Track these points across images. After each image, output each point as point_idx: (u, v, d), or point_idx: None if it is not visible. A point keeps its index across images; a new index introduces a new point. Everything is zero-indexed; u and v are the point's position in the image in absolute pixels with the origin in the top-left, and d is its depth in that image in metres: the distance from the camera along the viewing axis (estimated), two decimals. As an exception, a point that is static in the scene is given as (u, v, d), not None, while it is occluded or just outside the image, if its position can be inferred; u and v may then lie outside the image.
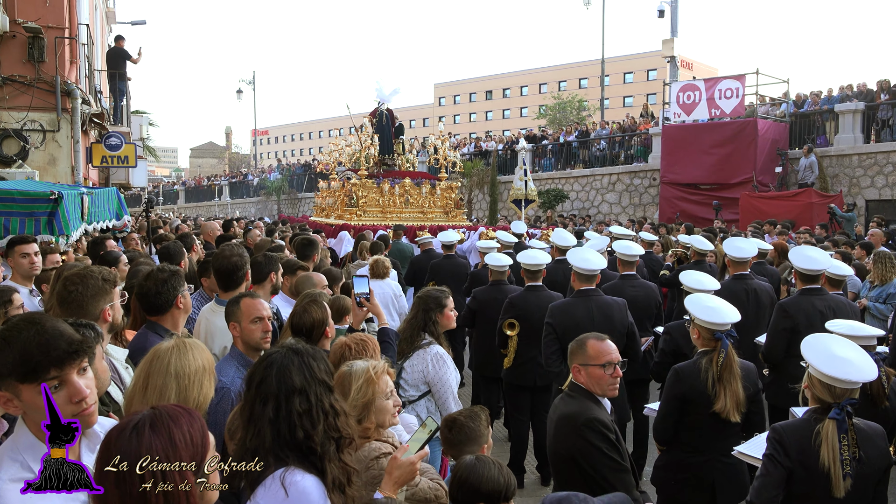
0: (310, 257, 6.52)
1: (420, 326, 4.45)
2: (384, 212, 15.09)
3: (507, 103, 77.36)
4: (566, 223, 19.07)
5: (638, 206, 22.99)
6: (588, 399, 3.46)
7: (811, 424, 3.04)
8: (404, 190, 15.42)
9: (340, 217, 15.63)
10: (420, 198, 15.63)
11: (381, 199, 15.18)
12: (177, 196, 49.19)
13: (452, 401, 4.20)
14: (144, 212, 9.39)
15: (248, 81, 46.54)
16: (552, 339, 5.31)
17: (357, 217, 14.78)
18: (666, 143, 20.92)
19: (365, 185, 15.14)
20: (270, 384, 2.30)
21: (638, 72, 66.01)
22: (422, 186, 15.62)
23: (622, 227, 10.47)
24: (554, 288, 6.69)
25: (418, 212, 15.54)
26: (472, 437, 3.13)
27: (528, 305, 6.12)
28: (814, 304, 5.44)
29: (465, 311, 7.19)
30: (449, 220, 15.62)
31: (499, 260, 6.96)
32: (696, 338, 4.11)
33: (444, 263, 9.45)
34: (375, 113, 16.93)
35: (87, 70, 13.88)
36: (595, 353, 3.50)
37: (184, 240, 7.23)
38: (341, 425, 2.36)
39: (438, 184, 15.91)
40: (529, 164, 21.93)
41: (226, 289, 4.48)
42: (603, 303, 5.41)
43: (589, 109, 49.13)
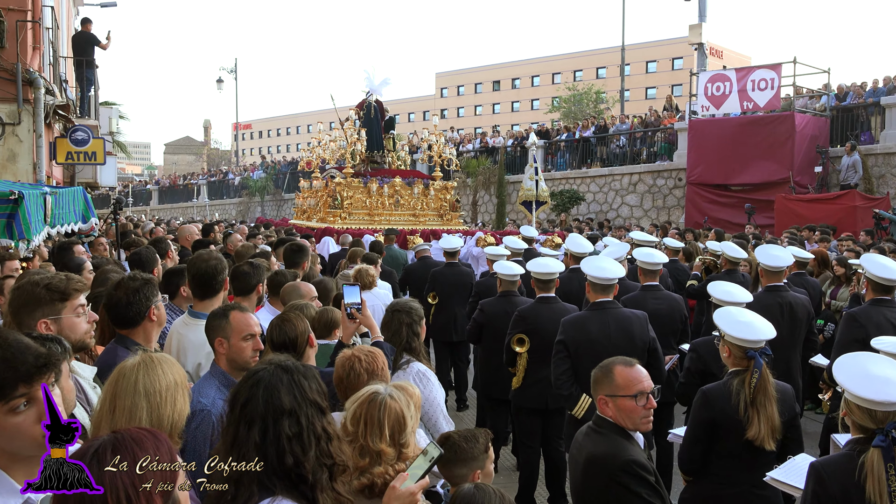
0: (299, 265, 6.52)
1: (404, 345, 4.45)
2: (371, 214, 15.10)
3: (516, 95, 77.48)
4: (581, 228, 19.06)
5: (661, 209, 23.00)
6: (618, 435, 3.39)
7: (853, 458, 2.98)
8: (394, 190, 15.44)
9: (323, 220, 15.62)
10: (412, 199, 15.65)
11: (368, 201, 15.18)
12: (149, 196, 49.27)
13: (443, 420, 4.20)
14: (112, 214, 9.39)
15: (230, 70, 46.66)
16: (563, 358, 5.31)
17: (341, 220, 14.78)
18: (693, 139, 20.93)
19: (350, 184, 15.14)
20: (257, 405, 2.30)
21: (662, 60, 66.12)
22: (414, 187, 15.64)
23: (644, 233, 10.49)
24: (568, 299, 6.68)
25: (409, 214, 15.56)
26: (463, 458, 3.12)
27: (540, 319, 6.11)
28: (885, 316, 5.42)
29: (470, 325, 7.18)
30: (443, 224, 15.63)
31: (509, 268, 6.95)
32: (726, 356, 4.10)
33: (446, 272, 9.46)
34: (363, 105, 16.90)
35: (51, 57, 13.93)
36: (624, 381, 3.43)
37: (157, 245, 7.23)
38: (335, 451, 2.35)
39: (432, 184, 15.93)
40: (541, 163, 21.97)
41: (203, 296, 4.49)
42: (621, 316, 5.41)
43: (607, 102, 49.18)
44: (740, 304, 4.93)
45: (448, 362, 9.53)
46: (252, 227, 15.65)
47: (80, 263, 5.92)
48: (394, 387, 2.93)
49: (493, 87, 79.63)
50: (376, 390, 2.87)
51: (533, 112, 72.38)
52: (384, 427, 2.79)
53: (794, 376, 5.94)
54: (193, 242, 8.73)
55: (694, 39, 24.54)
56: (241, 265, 4.98)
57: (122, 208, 9.83)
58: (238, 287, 4.88)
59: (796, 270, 8.02)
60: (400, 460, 2.81)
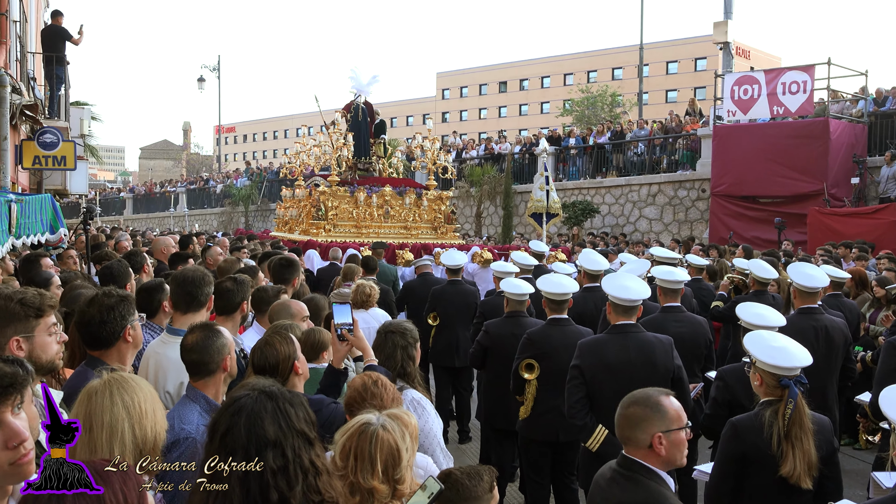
0: (289, 281, 6.51)
1: (398, 369, 4.43)
2: (358, 226, 15.09)
3: (524, 97, 77.76)
4: (596, 243, 19.05)
5: (683, 222, 23.01)
6: (653, 480, 3.34)
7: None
8: (384, 200, 15.43)
9: (305, 232, 15.59)
10: (403, 210, 15.65)
11: (354, 211, 15.16)
12: (123, 205, 49.33)
13: (441, 454, 4.17)
14: (82, 223, 9.37)
15: (213, 68, 46.77)
16: (578, 385, 5.28)
17: (325, 232, 14.75)
18: (718, 146, 20.97)
19: (336, 193, 15.13)
20: (238, 435, 2.28)
21: (684, 60, 66.40)
22: (405, 196, 15.63)
23: (664, 249, 10.45)
24: (582, 321, 6.66)
25: (400, 226, 15.56)
26: (466, 497, 3.07)
27: (551, 342, 6.09)
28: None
29: (473, 349, 7.16)
30: (437, 238, 15.61)
31: (518, 287, 6.93)
32: (757, 385, 4.08)
33: (448, 291, 9.44)
34: (350, 107, 16.87)
35: (18, 52, 13.97)
36: (676, 413, 3.40)
37: (131, 258, 7.22)
38: (323, 486, 2.34)
39: (425, 193, 15.93)
40: (552, 171, 21.96)
41: (186, 309, 4.48)
42: (643, 341, 5.38)
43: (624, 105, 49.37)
44: (772, 327, 4.90)
45: (449, 390, 9.49)
46: (234, 239, 15.61)
47: (48, 278, 5.90)
48: (387, 416, 2.91)
49: (499, 89, 79.92)
50: (367, 420, 2.84)
51: (543, 116, 72.58)
52: (376, 461, 2.76)
53: (830, 407, 5.90)
54: (170, 256, 8.71)
55: (719, 38, 24.62)
56: (224, 281, 4.97)
57: (92, 218, 9.82)
58: (220, 305, 4.87)
59: (832, 291, 8.00)
60: (395, 498, 2.78)
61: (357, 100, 16.94)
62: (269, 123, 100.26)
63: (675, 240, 20.02)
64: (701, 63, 64.64)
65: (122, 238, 13.46)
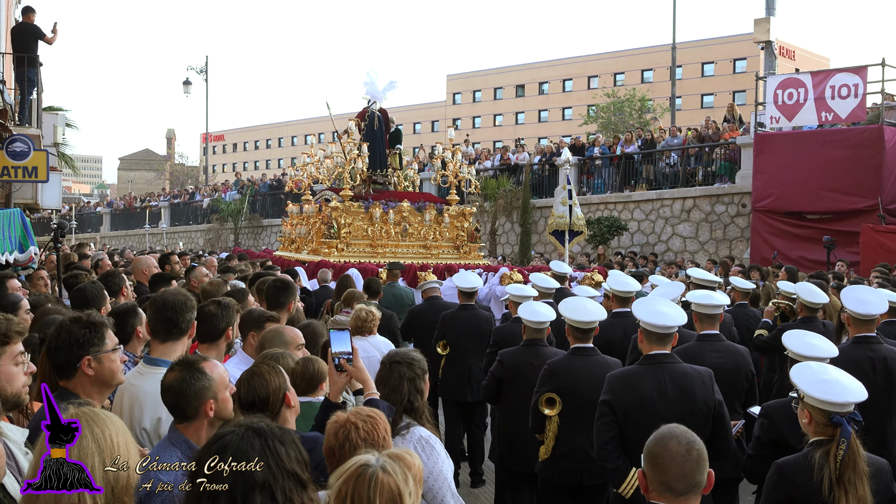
0: (285, 306, 6.50)
1: (404, 404, 4.40)
2: (374, 245, 15.13)
3: (544, 101, 78.04)
4: (624, 263, 19.02)
5: (721, 241, 22.95)
6: None
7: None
8: (401, 216, 15.47)
9: (315, 252, 15.65)
10: (422, 227, 15.67)
11: (369, 229, 15.23)
12: (100, 221, 49.57)
13: (451, 497, 4.15)
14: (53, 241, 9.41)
15: (199, 70, 47.15)
16: (609, 423, 5.25)
17: (338, 252, 14.79)
18: (760, 157, 20.93)
19: (349, 209, 15.18)
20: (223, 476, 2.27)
21: (721, 62, 66.54)
22: (425, 212, 15.66)
23: (701, 270, 10.43)
24: (610, 351, 6.64)
25: (420, 245, 15.58)
26: None
27: (575, 374, 6.07)
28: None
29: (486, 381, 7.13)
30: (460, 257, 15.62)
31: (537, 313, 6.91)
32: (805, 423, 4.06)
33: (459, 317, 9.42)
34: (365, 114, 16.94)
35: (-14, 52, 14.07)
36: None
37: (108, 280, 7.23)
38: (317, 534, 2.31)
39: (447, 209, 15.95)
40: (575, 184, 21.97)
41: (165, 336, 4.47)
42: (680, 373, 5.35)
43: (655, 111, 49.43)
44: (823, 358, 4.88)
45: (461, 427, 9.45)
46: (223, 258, 15.64)
47: (16, 302, 5.92)
48: (388, 456, 2.87)
49: (515, 93, 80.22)
50: (366, 462, 2.81)
51: (565, 123, 72.81)
52: None
53: (889, 448, 5.84)
54: (151, 277, 8.73)
55: (760, 37, 24.67)
56: (207, 305, 4.97)
57: (64, 234, 9.85)
58: (203, 332, 4.86)
59: (888, 318, 7.93)
60: None
61: (372, 106, 16.99)
62: (262, 131, 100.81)
63: (711, 260, 19.98)
64: (740, 64, 64.75)
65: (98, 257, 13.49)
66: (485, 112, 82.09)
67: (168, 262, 11.13)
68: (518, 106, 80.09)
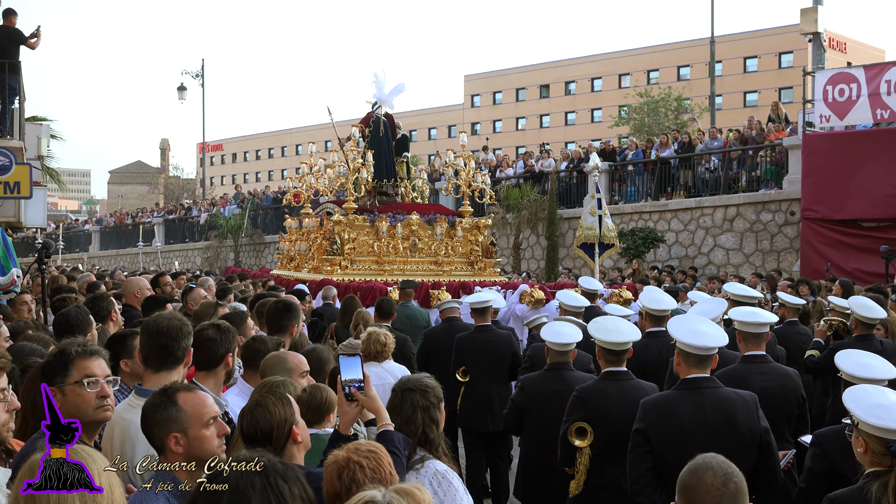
0: (287, 329, 6.51)
1: (418, 435, 4.39)
2: (380, 262, 15.13)
3: (571, 103, 78.06)
4: (661, 279, 18.95)
5: (768, 252, 22.84)
6: None
7: None
8: (410, 230, 15.47)
9: (317, 270, 15.66)
10: (433, 242, 15.67)
11: (375, 244, 15.22)
12: (88, 240, 49.82)
13: None
14: (38, 262, 9.48)
15: (195, 74, 47.48)
16: (643, 454, 5.24)
17: (341, 269, 14.79)
18: (809, 160, 20.83)
19: (353, 223, 15.19)
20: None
21: (765, 56, 66.40)
22: (435, 225, 15.65)
23: (739, 285, 10.36)
24: (643, 374, 6.62)
25: (430, 262, 15.59)
26: None
27: (607, 402, 6.06)
28: None
29: (508, 409, 7.12)
30: (475, 274, 15.62)
31: (561, 334, 6.91)
32: (861, 452, 4.04)
33: (476, 339, 9.41)
34: (369, 119, 16.96)
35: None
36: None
37: (95, 304, 7.27)
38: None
39: (460, 221, 15.94)
40: (605, 193, 21.95)
41: (159, 366, 4.49)
42: (721, 398, 5.33)
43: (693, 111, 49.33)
44: (880, 380, 4.86)
45: (483, 460, 9.43)
46: (222, 280, 15.67)
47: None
48: (395, 491, 2.88)
49: (539, 93, 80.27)
50: (371, 498, 2.82)
51: (594, 125, 72.76)
52: None
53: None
54: (144, 300, 8.77)
55: (807, 28, 24.56)
56: (205, 329, 4.98)
57: (49, 255, 9.91)
58: (200, 358, 4.87)
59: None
60: None
61: (377, 111, 16.99)
62: (263, 139, 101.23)
63: (757, 274, 19.87)
64: (786, 58, 64.61)
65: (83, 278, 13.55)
66: (506, 115, 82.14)
67: (158, 283, 11.16)
68: (542, 108, 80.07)
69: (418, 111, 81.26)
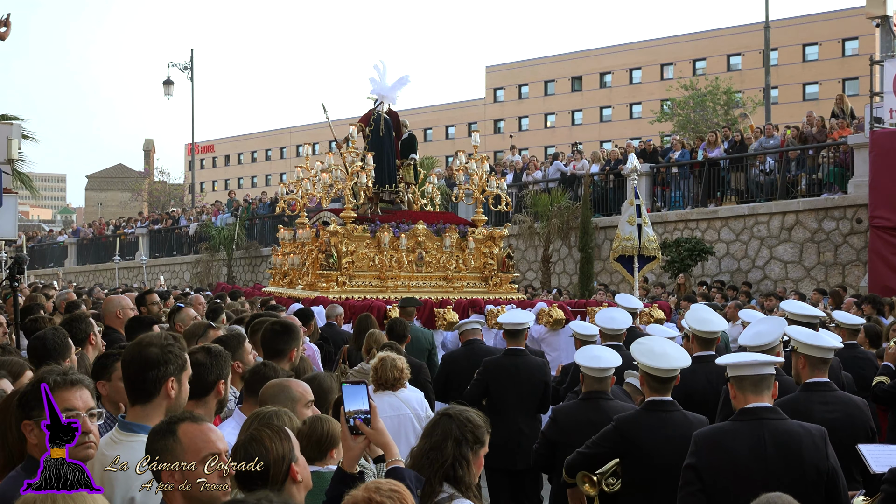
0: (285, 354, 6.50)
1: (445, 468, 4.39)
2: (382, 277, 15.09)
3: (606, 96, 77.91)
4: (710, 295, 18.90)
5: (832, 265, 22.74)
6: None
7: None
8: (416, 242, 15.42)
9: (312, 286, 15.63)
10: (442, 254, 15.62)
11: (377, 258, 15.17)
12: (64, 253, 49.97)
13: None
14: (9, 279, 9.53)
15: (183, 67, 47.56)
16: (695, 493, 5.25)
17: (338, 286, 14.73)
18: (877, 160, 20.75)
19: (351, 233, 15.14)
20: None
21: (826, 43, 66.17)
22: (445, 236, 15.59)
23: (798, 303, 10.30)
24: (690, 404, 6.61)
25: (439, 277, 15.55)
26: None
27: (651, 436, 6.06)
28: None
29: (538, 444, 7.11)
30: (489, 290, 15.59)
31: (598, 358, 6.90)
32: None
33: (505, 364, 9.38)
34: (370, 118, 16.85)
35: (-74, 51, 14.32)
36: None
37: (73, 325, 7.30)
38: None
39: (472, 231, 15.90)
40: (646, 198, 21.92)
41: (141, 397, 4.49)
42: (783, 431, 5.33)
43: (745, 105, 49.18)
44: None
45: (509, 502, 9.40)
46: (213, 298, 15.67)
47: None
48: None
49: (571, 86, 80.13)
50: None
51: (632, 122, 72.65)
52: None
53: None
54: (128, 321, 8.78)
55: (875, 11, 24.47)
56: (194, 353, 4.98)
57: (22, 271, 9.98)
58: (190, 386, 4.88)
59: None
60: None
61: (378, 109, 16.89)
62: (259, 140, 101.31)
63: (819, 290, 19.78)
64: (850, 45, 64.34)
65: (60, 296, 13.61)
66: (533, 111, 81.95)
67: (144, 302, 11.18)
68: (574, 102, 79.88)
69: (433, 107, 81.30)
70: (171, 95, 47.71)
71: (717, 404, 6.90)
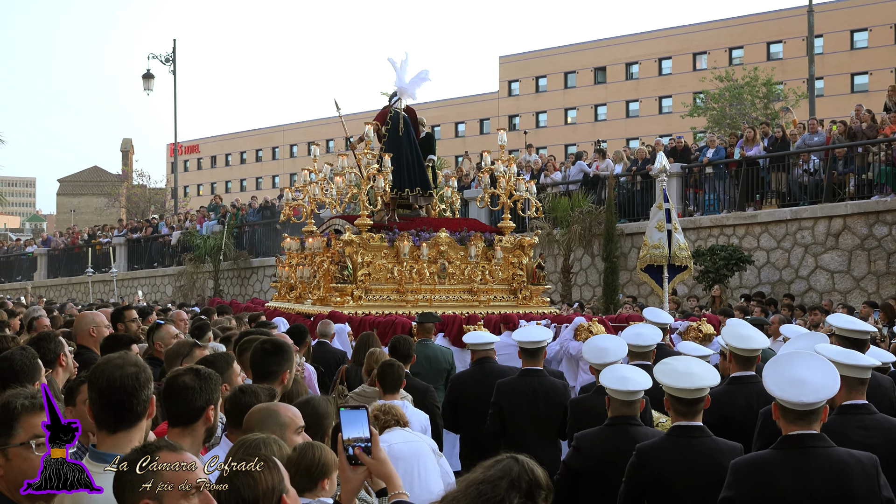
0: (277, 376, 6.49)
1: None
2: (402, 290, 15.07)
3: (632, 89, 77.93)
4: (749, 309, 18.89)
5: (884, 276, 22.70)
6: None
7: None
8: (438, 252, 15.43)
9: (323, 301, 15.64)
10: (466, 265, 15.61)
11: (396, 269, 15.18)
12: (33, 265, 50.06)
13: None
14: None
15: (165, 59, 47.67)
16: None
17: (353, 300, 14.74)
18: (934, 158, 20.77)
19: (368, 243, 15.16)
20: None
21: (877, 28, 66.11)
22: (470, 245, 15.59)
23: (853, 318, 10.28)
24: (727, 430, 6.61)
25: (463, 289, 15.54)
26: None
27: (676, 466, 6.07)
28: None
29: (560, 475, 7.10)
30: (518, 304, 15.59)
31: (625, 380, 6.88)
32: None
33: (523, 385, 9.36)
34: (386, 115, 16.86)
35: None
36: None
37: (41, 345, 7.31)
38: None
39: (499, 240, 15.89)
40: (677, 201, 21.92)
41: (114, 425, 4.48)
42: (832, 460, 5.32)
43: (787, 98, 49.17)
44: None
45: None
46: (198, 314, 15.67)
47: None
48: None
49: (594, 79, 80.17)
50: None
51: (662, 117, 72.68)
52: None
53: None
54: (104, 340, 8.81)
55: (930, -7, 24.52)
56: (181, 375, 4.98)
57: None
58: (174, 412, 4.88)
59: None
60: None
61: (396, 105, 16.85)
62: (249, 139, 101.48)
63: (869, 303, 19.74)
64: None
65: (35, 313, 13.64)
66: (552, 105, 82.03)
67: (122, 318, 11.18)
68: (597, 96, 79.89)
69: (441, 102, 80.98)
70: (151, 90, 47.81)
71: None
